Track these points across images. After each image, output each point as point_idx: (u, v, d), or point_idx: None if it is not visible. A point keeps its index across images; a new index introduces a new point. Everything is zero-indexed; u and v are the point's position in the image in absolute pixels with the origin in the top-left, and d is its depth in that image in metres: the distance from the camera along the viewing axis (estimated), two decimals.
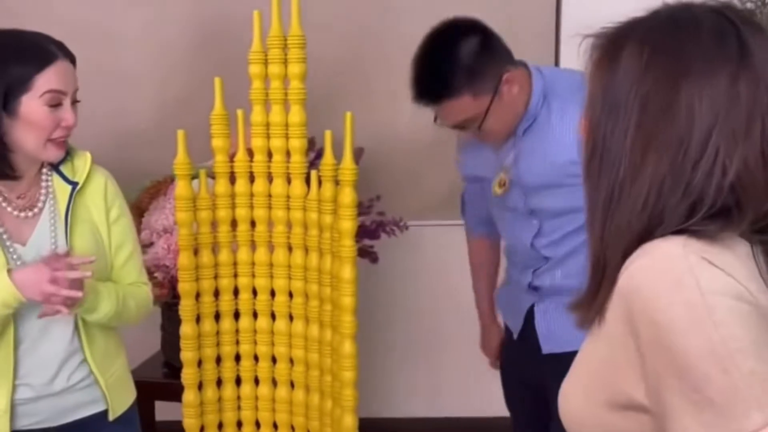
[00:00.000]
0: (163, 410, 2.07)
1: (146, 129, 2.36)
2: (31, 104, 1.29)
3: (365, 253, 2.20)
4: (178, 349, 1.99)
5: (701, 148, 0.73)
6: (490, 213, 1.70)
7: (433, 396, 2.54)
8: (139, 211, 2.15)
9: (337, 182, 1.66)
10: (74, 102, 1.35)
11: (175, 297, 2.06)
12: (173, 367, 2.06)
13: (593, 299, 0.80)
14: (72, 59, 1.35)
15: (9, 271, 1.27)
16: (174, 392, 1.89)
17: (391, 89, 2.29)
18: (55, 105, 1.30)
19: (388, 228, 2.19)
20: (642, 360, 0.73)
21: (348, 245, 1.62)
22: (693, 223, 0.73)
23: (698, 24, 0.76)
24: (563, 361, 0.90)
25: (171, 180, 2.12)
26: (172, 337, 2.08)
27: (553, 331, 1.56)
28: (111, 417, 1.44)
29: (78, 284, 1.27)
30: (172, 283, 2.05)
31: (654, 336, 0.71)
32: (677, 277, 0.71)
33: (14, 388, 1.33)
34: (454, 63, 1.41)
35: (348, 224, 1.62)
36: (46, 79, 1.29)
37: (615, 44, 0.79)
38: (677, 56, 0.75)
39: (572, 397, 0.84)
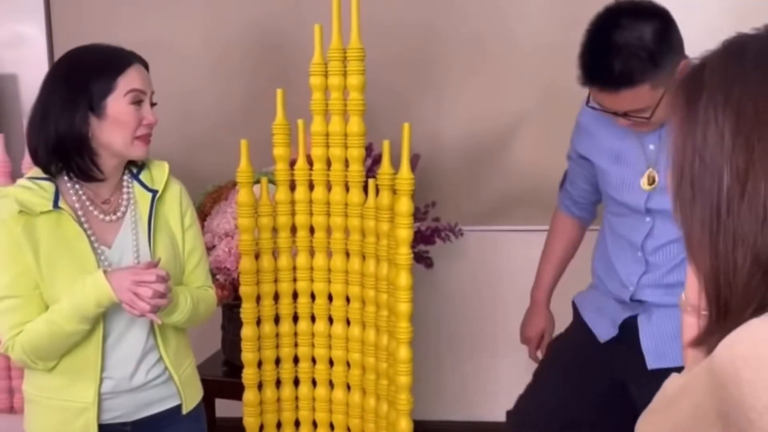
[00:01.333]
0: (222, 407, 2.15)
1: (208, 136, 2.44)
2: (117, 103, 1.39)
3: (420, 259, 2.23)
4: (237, 349, 2.06)
5: None
6: (587, 199, 1.70)
7: (483, 399, 2.56)
8: (201, 215, 2.23)
9: (394, 191, 1.69)
10: (153, 104, 1.46)
11: (236, 299, 2.13)
12: (233, 365, 2.13)
13: (711, 335, 0.74)
14: (146, 65, 1.47)
15: (105, 272, 1.36)
16: (234, 390, 1.96)
17: (446, 95, 2.33)
18: (138, 103, 1.41)
19: (443, 233, 2.22)
20: None
21: (404, 253, 1.66)
22: None
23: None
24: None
25: (233, 185, 2.19)
26: (233, 337, 2.16)
27: (659, 346, 1.53)
28: (184, 411, 1.51)
29: (164, 294, 1.35)
30: (233, 285, 2.13)
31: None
32: None
33: (101, 381, 1.41)
34: (640, 49, 1.31)
35: (404, 232, 1.65)
36: (128, 80, 1.40)
37: (691, 93, 0.76)
38: (759, 99, 0.72)
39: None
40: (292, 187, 1.80)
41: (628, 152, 1.52)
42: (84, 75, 1.39)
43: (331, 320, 1.83)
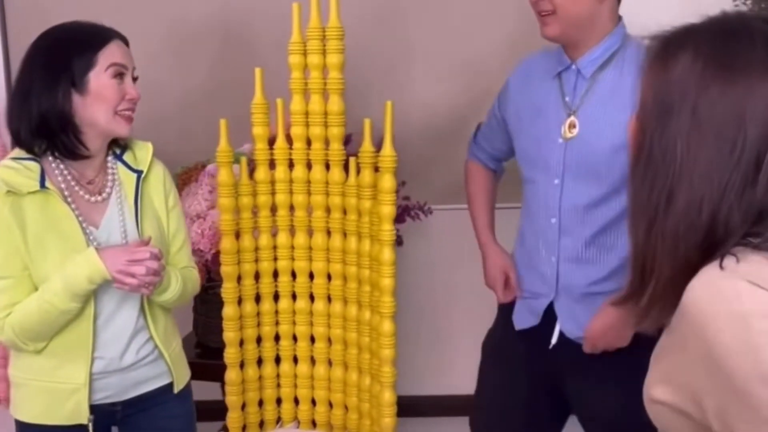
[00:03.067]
0: (197, 390, 2.14)
1: (173, 120, 2.40)
2: (99, 77, 1.38)
3: None
4: (211, 331, 2.07)
5: (756, 156, 0.76)
6: (503, 154, 1.73)
7: (444, 375, 2.61)
8: None
9: (376, 168, 1.72)
10: (135, 78, 1.45)
11: (210, 280, 2.13)
12: (206, 347, 2.13)
13: (644, 308, 0.83)
14: (126, 41, 1.46)
15: (97, 250, 1.35)
16: (209, 372, 1.97)
17: (414, 76, 2.36)
18: (119, 77, 1.40)
19: (413, 212, 2.26)
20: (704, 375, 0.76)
21: (387, 229, 1.69)
22: (750, 233, 0.76)
23: (752, 35, 0.79)
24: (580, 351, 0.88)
25: (202, 167, 2.18)
26: (206, 319, 2.16)
27: (577, 315, 1.55)
28: (176, 390, 1.51)
29: (158, 271, 1.35)
30: (207, 266, 2.13)
31: (713, 364, 0.75)
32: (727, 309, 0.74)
33: (92, 361, 1.40)
34: None
35: (388, 209, 1.69)
36: (108, 54, 1.39)
37: (669, 49, 0.82)
38: (731, 65, 0.78)
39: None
40: (272, 166, 1.81)
41: (548, 105, 1.56)
42: (64, 52, 1.38)
43: (312, 298, 1.85)
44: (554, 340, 1.59)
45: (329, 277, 1.83)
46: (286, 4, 2.00)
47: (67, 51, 1.37)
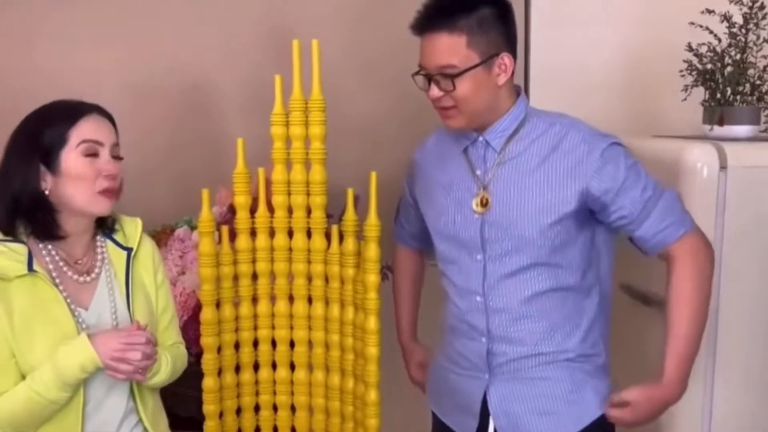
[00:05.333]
0: None
1: (134, 181, 2.35)
2: (69, 156, 1.33)
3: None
4: (182, 401, 2.01)
5: None
6: (425, 233, 1.64)
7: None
8: None
9: (359, 237, 1.74)
10: (117, 157, 1.40)
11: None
12: (176, 416, 2.06)
13: None
14: (108, 116, 1.41)
15: (88, 336, 1.30)
16: None
17: (380, 136, 2.39)
18: (92, 155, 1.35)
19: (383, 272, 2.28)
20: None
21: (373, 298, 1.71)
22: None
23: None
24: None
25: (170, 231, 2.15)
26: (175, 387, 2.09)
27: (517, 416, 1.50)
28: None
29: (152, 355, 1.33)
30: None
31: None
32: None
33: None
34: (472, 6, 1.41)
35: (373, 277, 1.70)
36: (79, 131, 1.34)
37: None
38: None
39: None
40: (252, 235, 1.80)
41: (459, 180, 1.54)
42: (36, 130, 1.34)
43: (293, 366, 1.84)
44: None
45: (310, 345, 1.82)
46: (253, 70, 2.01)
47: (40, 129, 1.33)
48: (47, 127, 1.33)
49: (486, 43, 1.43)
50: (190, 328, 1.89)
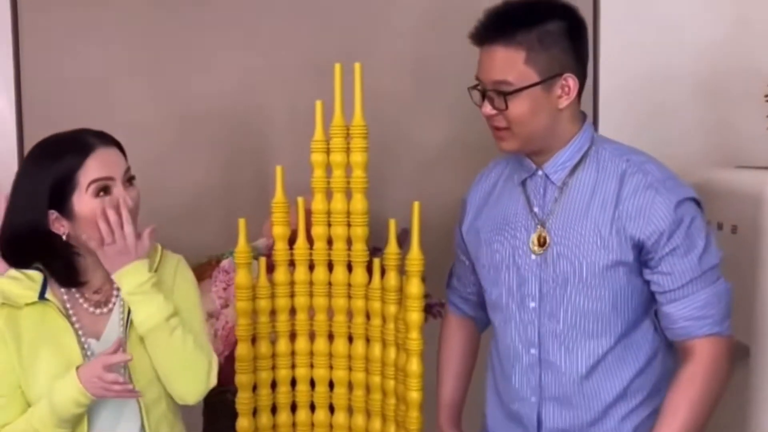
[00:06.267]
0: None
1: (184, 210, 2.33)
2: (81, 200, 1.28)
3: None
4: None
5: None
6: (479, 295, 1.51)
7: None
8: None
9: (402, 271, 1.62)
10: (130, 179, 1.33)
11: (220, 384, 2.00)
12: None
13: None
14: (116, 144, 1.34)
15: (77, 368, 1.24)
16: None
17: (430, 168, 2.29)
18: (104, 192, 1.29)
19: (434, 310, 2.14)
20: None
21: (415, 338, 1.58)
22: None
23: None
24: None
25: (216, 262, 2.09)
26: (214, 428, 2.02)
27: None
28: None
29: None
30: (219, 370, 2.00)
31: None
32: None
33: None
34: (535, 20, 1.28)
35: (416, 316, 1.58)
36: (87, 172, 1.28)
37: None
38: None
39: None
40: (291, 266, 1.71)
41: (514, 216, 1.40)
42: (41, 177, 1.27)
43: (332, 408, 1.73)
44: None
45: (350, 387, 1.71)
46: (300, 100, 1.94)
47: (45, 178, 1.26)
48: (54, 174, 1.26)
49: (547, 61, 1.29)
50: (231, 365, 1.81)
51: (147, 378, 1.34)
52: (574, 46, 1.32)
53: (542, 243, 1.35)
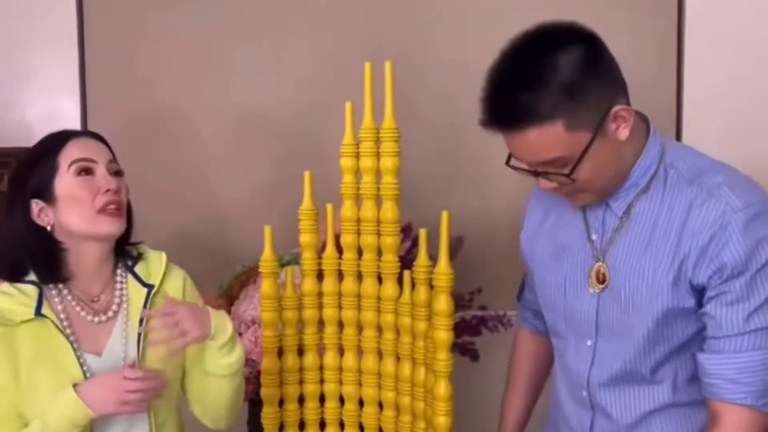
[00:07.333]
0: None
1: (238, 212, 2.31)
2: (63, 180, 1.26)
3: (465, 351, 2.03)
4: None
5: None
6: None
7: None
8: (229, 298, 2.08)
9: (432, 285, 1.50)
10: (116, 173, 1.30)
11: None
12: None
13: None
14: (96, 137, 1.32)
15: (75, 386, 1.20)
16: None
17: (492, 171, 2.16)
18: (86, 172, 1.26)
19: (490, 324, 2.01)
20: None
21: (443, 359, 1.46)
22: None
23: None
24: None
25: (257, 269, 2.04)
26: None
27: None
28: None
29: (156, 388, 1.22)
30: (259, 378, 1.95)
31: None
32: None
33: None
34: (549, 76, 1.06)
35: (444, 335, 1.46)
36: (67, 153, 1.26)
37: None
38: None
39: None
40: (320, 277, 1.63)
41: (572, 245, 1.25)
42: (24, 169, 1.28)
43: (362, 428, 1.63)
44: None
45: (381, 407, 1.61)
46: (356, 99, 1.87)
47: (26, 168, 1.27)
48: (34, 164, 1.26)
49: (588, 110, 1.09)
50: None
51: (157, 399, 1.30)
52: (601, 70, 1.11)
53: (601, 280, 1.20)
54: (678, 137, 2.09)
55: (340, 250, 1.61)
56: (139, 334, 1.29)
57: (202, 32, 2.26)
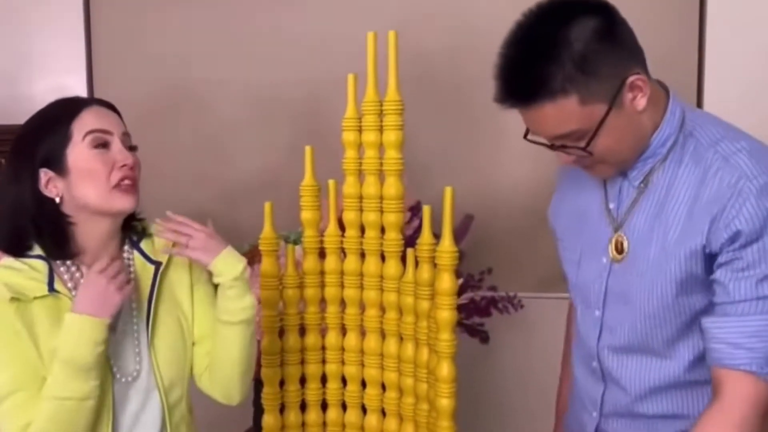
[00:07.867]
0: None
1: (251, 188, 2.27)
2: (76, 151, 1.18)
3: (475, 332, 1.97)
4: None
5: None
6: None
7: None
8: None
9: (435, 264, 1.45)
10: (131, 147, 1.24)
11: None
12: None
13: None
14: (110, 106, 1.26)
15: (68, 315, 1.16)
16: None
17: (503, 147, 2.10)
18: (102, 145, 1.20)
19: (500, 305, 1.96)
20: None
21: (446, 339, 1.41)
22: None
23: None
24: None
25: None
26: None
27: None
28: None
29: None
30: (260, 359, 1.93)
31: None
32: None
33: None
34: (560, 50, 1.04)
35: (447, 314, 1.41)
36: (82, 123, 1.19)
37: None
38: None
39: None
40: (322, 255, 1.59)
41: (591, 214, 1.23)
42: (32, 135, 1.20)
43: (364, 410, 1.59)
44: None
45: (383, 388, 1.57)
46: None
47: (35, 134, 1.19)
48: (45, 130, 1.19)
49: (602, 82, 1.05)
50: None
51: (171, 378, 1.26)
52: (615, 41, 1.07)
53: (620, 250, 1.18)
54: (699, 105, 2.02)
55: (342, 227, 1.57)
56: (148, 313, 1.25)
57: (208, 8, 2.22)
